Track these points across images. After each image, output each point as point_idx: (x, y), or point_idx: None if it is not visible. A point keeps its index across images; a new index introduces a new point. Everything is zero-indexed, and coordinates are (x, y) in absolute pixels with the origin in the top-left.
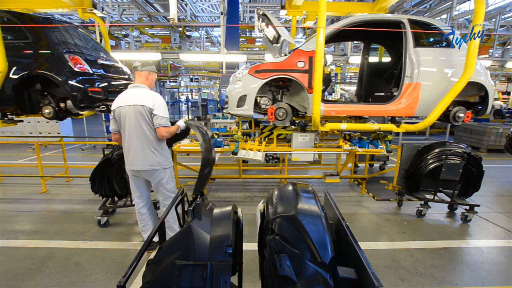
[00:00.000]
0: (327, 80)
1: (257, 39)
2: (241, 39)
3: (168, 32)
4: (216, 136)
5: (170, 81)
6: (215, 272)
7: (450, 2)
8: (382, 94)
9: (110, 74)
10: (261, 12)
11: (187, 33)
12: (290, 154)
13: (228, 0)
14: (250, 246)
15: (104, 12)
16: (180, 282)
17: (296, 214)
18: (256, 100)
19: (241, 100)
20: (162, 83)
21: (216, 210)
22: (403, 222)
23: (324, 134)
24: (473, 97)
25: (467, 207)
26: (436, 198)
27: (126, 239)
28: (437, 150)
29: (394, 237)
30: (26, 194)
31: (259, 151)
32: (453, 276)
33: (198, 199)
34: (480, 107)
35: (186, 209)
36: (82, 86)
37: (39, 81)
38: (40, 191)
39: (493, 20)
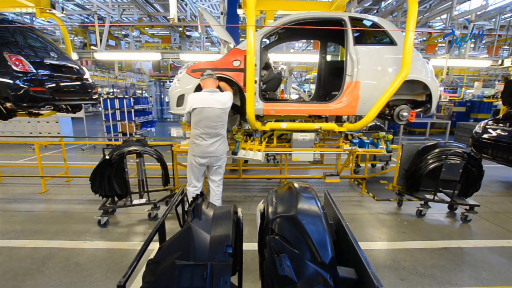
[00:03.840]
0: (277, 80)
1: None
2: (241, 39)
3: (168, 32)
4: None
5: (170, 81)
6: (215, 272)
7: (450, 2)
8: (337, 93)
9: (59, 74)
10: (200, 10)
11: (187, 33)
12: (290, 154)
13: (228, 0)
14: (250, 246)
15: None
16: (180, 282)
17: (296, 214)
18: None
19: (180, 100)
20: (162, 83)
21: (216, 210)
22: (403, 222)
23: (326, 134)
24: (421, 95)
25: (467, 207)
26: (436, 198)
27: (126, 239)
28: (437, 150)
29: (394, 237)
30: (26, 194)
31: (259, 151)
32: (453, 276)
33: (198, 199)
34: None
35: (186, 209)
36: (23, 86)
37: None
38: (40, 191)
39: (493, 20)
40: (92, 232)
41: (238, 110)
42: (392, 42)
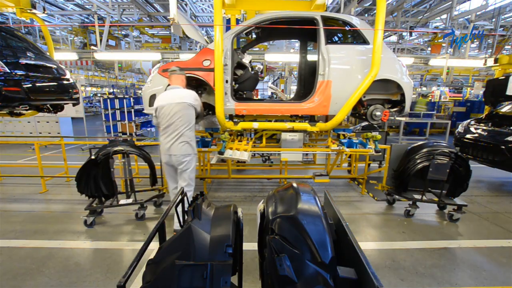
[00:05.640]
0: (253, 79)
1: None
2: (241, 39)
3: (168, 32)
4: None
5: None
6: (215, 272)
7: (450, 2)
8: None
9: (36, 74)
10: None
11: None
12: (278, 154)
13: None
14: (250, 246)
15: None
16: (180, 282)
17: (296, 214)
18: None
19: (152, 100)
20: None
21: (216, 210)
22: (403, 222)
23: (319, 134)
24: (395, 95)
25: (455, 207)
26: (424, 198)
27: (126, 239)
28: (424, 150)
29: (394, 237)
30: (26, 194)
31: (245, 151)
32: (453, 276)
33: (198, 199)
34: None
35: (186, 209)
36: None
37: None
38: (40, 191)
39: (493, 20)
40: (92, 232)
41: (213, 110)
42: (364, 41)
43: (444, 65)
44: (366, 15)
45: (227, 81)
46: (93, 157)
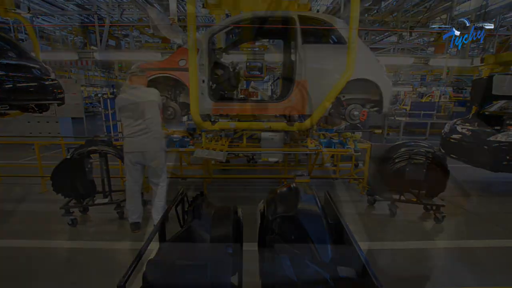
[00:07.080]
0: (234, 79)
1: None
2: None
3: None
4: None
5: None
6: (215, 272)
7: (450, 2)
8: None
9: (17, 74)
10: (148, 11)
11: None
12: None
13: None
14: (250, 246)
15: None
16: (180, 282)
17: (296, 214)
18: None
19: None
20: None
21: (216, 210)
22: (403, 222)
23: (305, 134)
24: (374, 94)
25: (441, 207)
26: (402, 198)
27: (126, 239)
28: (402, 150)
29: (394, 237)
30: (26, 194)
31: (221, 150)
32: (453, 276)
33: (198, 199)
34: None
35: (186, 209)
36: None
37: None
38: (40, 191)
39: (493, 20)
40: (92, 232)
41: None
42: (343, 41)
43: (444, 65)
44: (366, 15)
45: (203, 81)
46: (68, 156)
